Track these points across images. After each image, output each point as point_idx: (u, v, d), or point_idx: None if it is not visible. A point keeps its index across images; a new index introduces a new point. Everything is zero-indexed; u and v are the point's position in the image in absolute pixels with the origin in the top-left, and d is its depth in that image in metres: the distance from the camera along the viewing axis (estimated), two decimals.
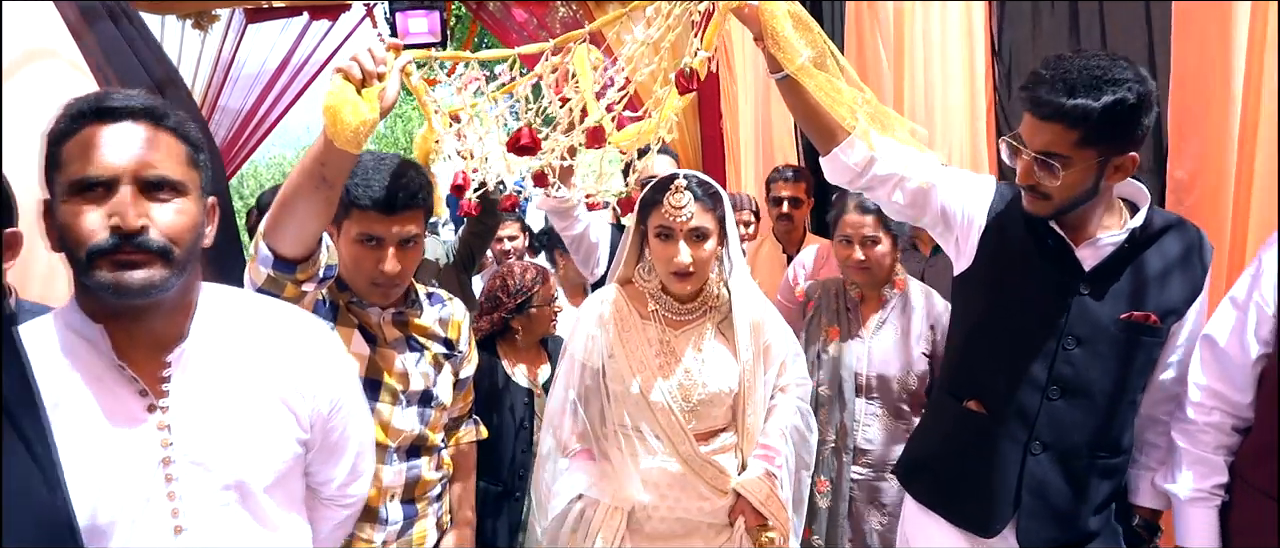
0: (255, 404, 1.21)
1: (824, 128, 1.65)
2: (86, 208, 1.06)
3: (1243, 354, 1.56)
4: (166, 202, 1.10)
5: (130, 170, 1.08)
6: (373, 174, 1.61)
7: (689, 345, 1.94)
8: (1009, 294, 1.71)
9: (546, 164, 1.90)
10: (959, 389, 1.82)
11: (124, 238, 1.05)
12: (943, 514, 1.82)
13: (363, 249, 1.64)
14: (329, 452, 1.33)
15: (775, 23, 1.48)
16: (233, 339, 1.22)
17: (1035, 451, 1.68)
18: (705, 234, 1.85)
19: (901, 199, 1.72)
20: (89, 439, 1.09)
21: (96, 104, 1.10)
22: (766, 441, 1.97)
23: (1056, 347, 1.64)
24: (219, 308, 1.22)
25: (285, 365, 1.25)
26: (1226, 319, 1.60)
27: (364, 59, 1.34)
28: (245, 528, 1.19)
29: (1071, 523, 1.69)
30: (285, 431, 1.24)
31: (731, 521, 1.93)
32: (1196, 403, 1.62)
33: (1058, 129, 1.50)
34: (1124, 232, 1.61)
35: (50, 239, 1.12)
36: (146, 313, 1.13)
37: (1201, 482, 1.61)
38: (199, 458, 1.14)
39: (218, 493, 1.16)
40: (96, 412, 1.10)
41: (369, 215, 1.61)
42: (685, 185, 1.82)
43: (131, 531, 1.10)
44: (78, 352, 1.12)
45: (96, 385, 1.11)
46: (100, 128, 1.09)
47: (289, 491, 1.27)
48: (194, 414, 1.15)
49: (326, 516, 1.40)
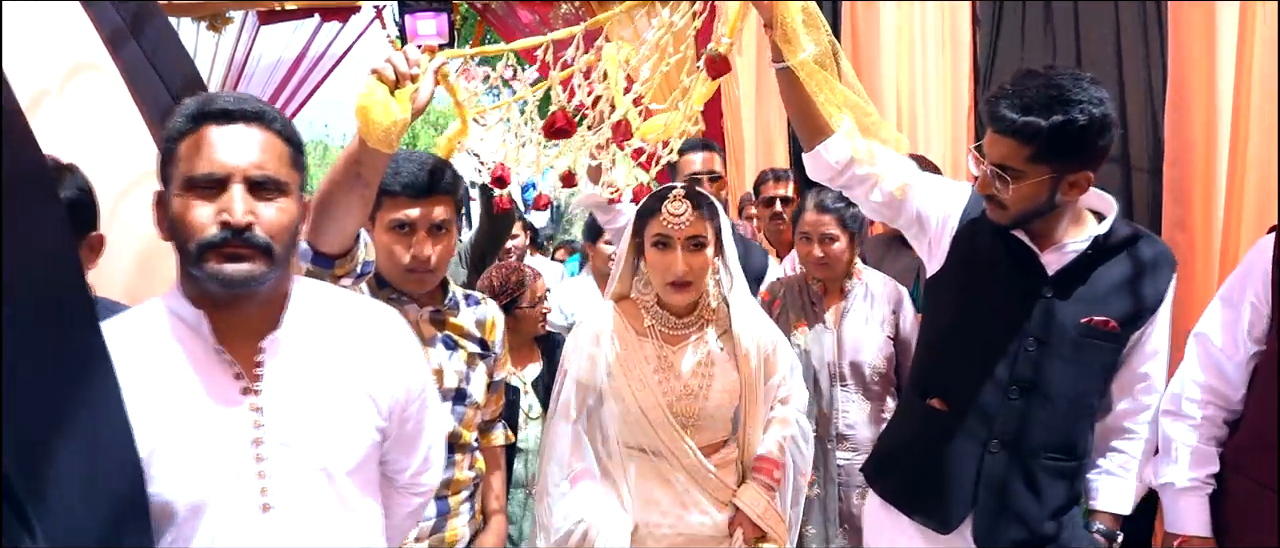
0: (340, 392, 1.26)
1: (812, 124, 1.69)
2: (198, 203, 1.13)
3: (1236, 351, 1.63)
4: (271, 200, 1.16)
5: (241, 170, 1.14)
6: (403, 163, 1.67)
7: (687, 360, 1.94)
8: (977, 296, 1.75)
9: (573, 164, 1.94)
10: (925, 388, 1.85)
11: (232, 233, 1.12)
12: (904, 511, 1.85)
13: (396, 236, 1.70)
14: (405, 441, 1.38)
15: (787, 14, 1.51)
16: (322, 330, 1.27)
17: (993, 449, 1.72)
18: (702, 243, 1.86)
19: (878, 199, 1.76)
20: (188, 417, 1.15)
21: (211, 106, 1.16)
22: (766, 453, 1.98)
23: (1018, 348, 1.68)
24: (310, 301, 1.28)
25: (368, 358, 1.30)
26: (1219, 317, 1.65)
27: (398, 61, 1.37)
28: (327, 508, 1.23)
29: (1026, 523, 1.72)
30: (366, 418, 1.28)
31: (730, 532, 1.93)
32: (1191, 398, 1.67)
33: (1011, 143, 1.56)
34: (1087, 239, 1.66)
35: (160, 228, 1.18)
36: (244, 302, 1.18)
37: (1197, 471, 1.67)
38: (287, 440, 1.19)
39: (303, 474, 1.20)
40: (197, 392, 1.16)
41: (400, 200, 1.67)
42: (683, 195, 1.84)
43: (223, 505, 1.15)
44: (181, 335, 1.18)
45: (197, 367, 1.17)
46: (214, 128, 1.14)
47: (367, 476, 1.32)
48: (284, 399, 1.20)
49: (399, 503, 1.44)
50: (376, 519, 1.35)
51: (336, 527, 1.24)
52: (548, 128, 1.61)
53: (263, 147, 1.16)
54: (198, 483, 1.14)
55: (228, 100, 1.18)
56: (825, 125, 1.67)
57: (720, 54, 1.58)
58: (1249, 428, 1.63)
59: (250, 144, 1.15)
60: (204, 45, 4.62)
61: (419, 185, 1.67)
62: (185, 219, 1.13)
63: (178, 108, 1.18)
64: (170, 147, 1.16)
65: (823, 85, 1.55)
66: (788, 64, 1.54)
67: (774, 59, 1.60)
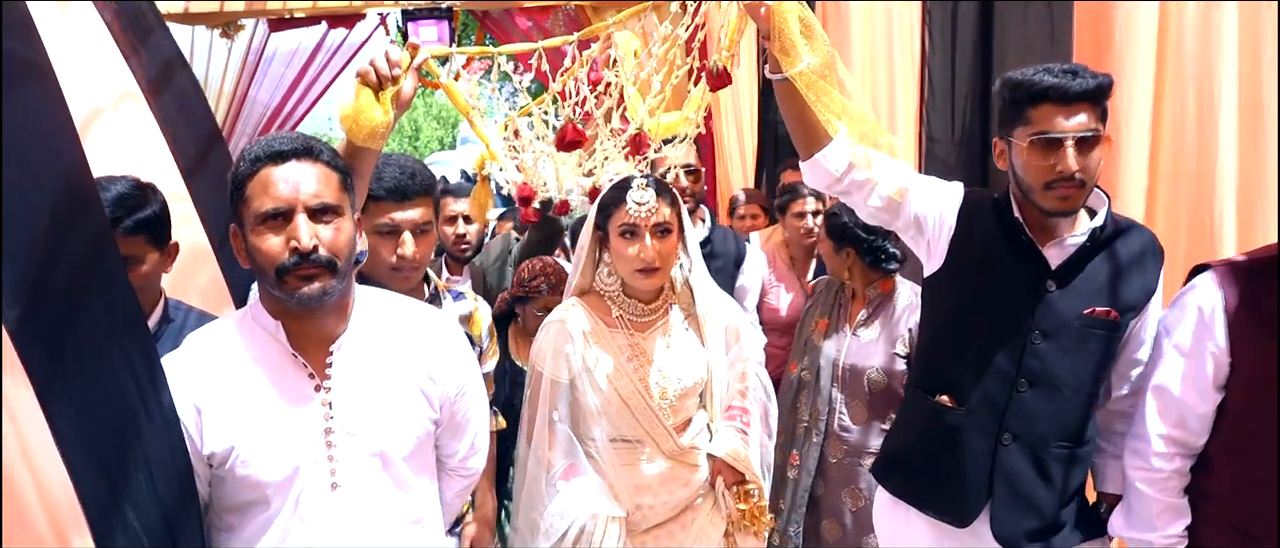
0: (398, 388, 1.42)
1: (810, 133, 1.67)
2: (270, 235, 1.28)
3: (1200, 402, 1.59)
4: (329, 223, 1.31)
5: (301, 201, 1.28)
6: (385, 169, 1.72)
7: (657, 344, 1.97)
8: (980, 293, 1.76)
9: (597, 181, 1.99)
10: (930, 385, 1.85)
11: (302, 257, 1.27)
12: (917, 506, 1.86)
13: (381, 238, 1.76)
14: (454, 429, 1.55)
15: (785, 25, 1.50)
16: (381, 334, 1.43)
17: (1005, 441, 1.73)
18: (668, 228, 1.88)
19: (877, 204, 1.75)
20: (270, 411, 1.33)
21: (269, 149, 1.30)
22: (734, 402, 2.04)
23: (1024, 341, 1.70)
24: (371, 307, 1.44)
25: (423, 358, 1.46)
26: (1176, 368, 1.61)
27: (380, 63, 1.42)
28: (386, 488, 1.41)
29: (1041, 511, 1.74)
30: (420, 411, 1.44)
31: (712, 483, 1.99)
32: (1158, 452, 1.63)
33: (1087, 107, 1.58)
34: (1085, 232, 1.69)
35: (240, 257, 1.35)
36: (316, 313, 1.35)
37: (1174, 527, 1.64)
38: (353, 430, 1.36)
39: (366, 459, 1.38)
40: (277, 389, 1.34)
41: (385, 205, 1.73)
42: (646, 184, 1.86)
43: (299, 483, 1.33)
44: (262, 342, 1.36)
45: (276, 369, 1.35)
46: (273, 167, 1.29)
47: (423, 459, 1.48)
48: (350, 394, 1.37)
49: (450, 483, 1.62)
50: (431, 497, 1.51)
51: (394, 503, 1.42)
52: (559, 141, 1.65)
53: (317, 178, 1.30)
54: (278, 465, 1.32)
55: (282, 142, 1.32)
56: (823, 134, 1.65)
57: (721, 68, 1.59)
58: (1221, 474, 1.61)
59: (306, 177, 1.30)
60: (217, 51, 4.77)
61: (401, 190, 1.73)
62: (262, 250, 1.28)
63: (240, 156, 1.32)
64: (238, 190, 1.30)
65: (821, 95, 1.54)
66: (786, 75, 1.53)
67: (772, 70, 1.59)
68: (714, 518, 1.99)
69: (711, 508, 1.99)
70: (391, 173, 1.73)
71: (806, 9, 1.53)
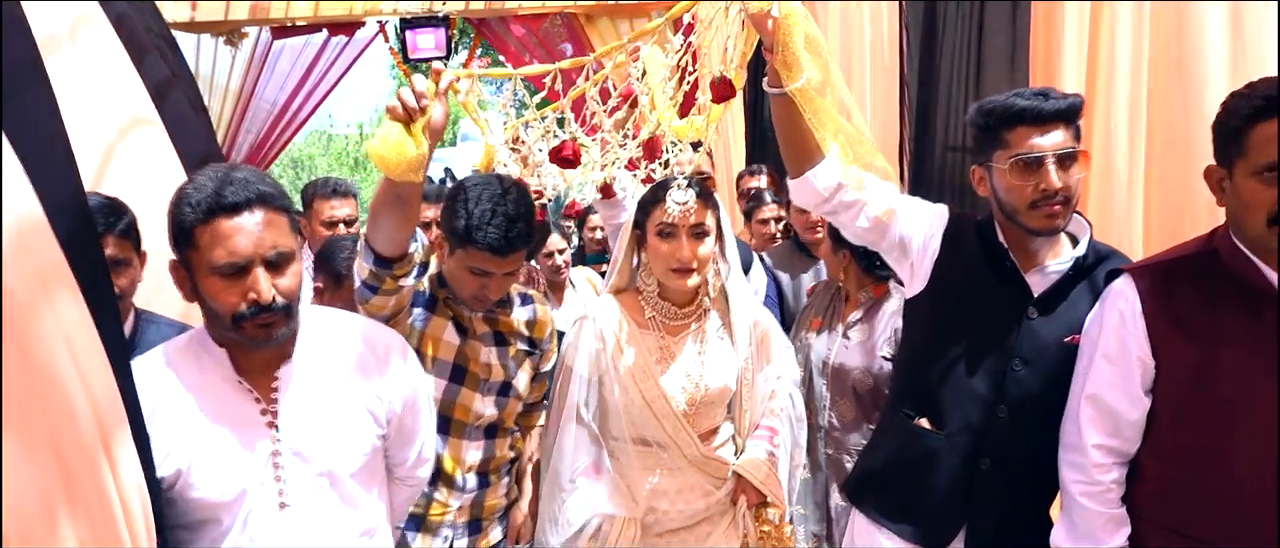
0: (345, 408, 1.44)
1: (803, 150, 1.64)
2: (225, 284, 1.28)
3: (1131, 409, 1.57)
4: (283, 271, 1.32)
5: (259, 255, 1.28)
6: (492, 217, 1.69)
7: (687, 348, 1.94)
8: (961, 317, 1.75)
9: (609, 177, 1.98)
10: (910, 407, 1.84)
11: (261, 308, 1.29)
12: (893, 529, 1.84)
13: (471, 275, 1.77)
14: (402, 440, 1.57)
15: (790, 40, 1.45)
16: (327, 355, 1.45)
17: (983, 465, 1.72)
18: (706, 231, 1.86)
19: (865, 224, 1.73)
20: (217, 437, 1.35)
21: (221, 200, 1.27)
22: (765, 421, 2.00)
23: (1005, 367, 1.68)
24: (317, 330, 1.45)
25: (369, 376, 1.48)
26: (1106, 376, 1.58)
27: (406, 97, 1.38)
28: (334, 505, 1.43)
29: (1016, 533, 1.74)
30: (367, 429, 1.47)
31: (733, 501, 1.96)
32: (1096, 463, 1.60)
33: (1061, 126, 1.59)
34: (1069, 261, 1.68)
35: (182, 291, 1.34)
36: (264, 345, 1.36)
37: (1117, 538, 1.62)
38: (299, 451, 1.38)
39: (313, 479, 1.40)
40: (225, 415, 1.36)
41: (482, 255, 1.71)
42: (686, 185, 1.83)
43: (248, 504, 1.35)
44: (208, 368, 1.38)
45: (222, 396, 1.37)
46: (226, 219, 1.27)
47: (371, 474, 1.50)
48: (297, 418, 1.39)
49: (399, 491, 1.65)
50: (379, 509, 1.54)
51: (342, 519, 1.44)
52: (554, 155, 1.64)
53: (272, 228, 1.30)
54: (228, 487, 1.34)
55: (233, 192, 1.28)
56: (815, 152, 1.63)
57: (725, 78, 1.56)
58: (1153, 477, 1.59)
59: (262, 229, 1.29)
60: (222, 58, 4.86)
61: (503, 248, 1.71)
62: (217, 299, 1.29)
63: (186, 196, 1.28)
64: (185, 234, 1.28)
65: (819, 113, 1.50)
66: (786, 90, 1.48)
67: (770, 83, 1.55)
68: (730, 535, 1.97)
69: (728, 525, 1.97)
70: (498, 226, 1.70)
71: (813, 24, 1.50)
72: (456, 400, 1.86)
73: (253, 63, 5.01)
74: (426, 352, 1.84)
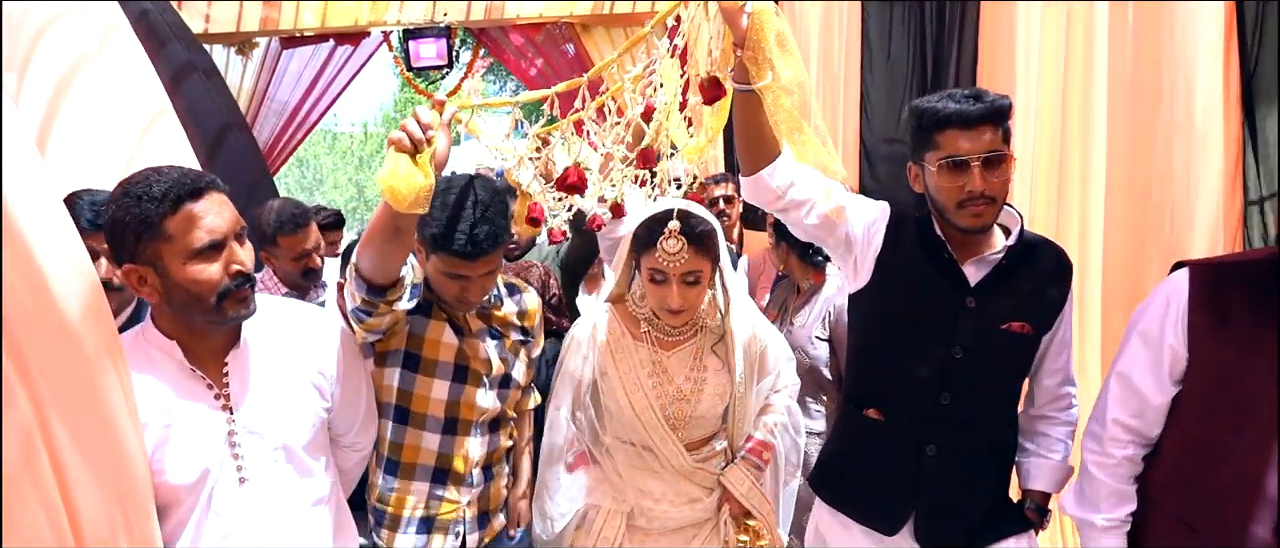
0: (291, 385, 1.55)
1: (760, 149, 1.64)
2: (207, 264, 1.35)
3: (1157, 394, 1.61)
4: (243, 243, 1.42)
5: (232, 230, 1.38)
6: (458, 222, 1.69)
7: (681, 364, 1.94)
8: (904, 309, 1.79)
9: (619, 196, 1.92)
10: (859, 399, 1.90)
11: (245, 278, 1.39)
12: (850, 516, 1.90)
13: (448, 280, 1.78)
14: (344, 407, 1.68)
15: (763, 37, 1.42)
16: (271, 339, 1.54)
17: (930, 452, 1.78)
18: (698, 278, 1.84)
19: (814, 222, 1.75)
20: (174, 425, 1.42)
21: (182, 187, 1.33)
22: (758, 435, 2.01)
23: (946, 355, 1.74)
24: (258, 315, 1.50)
25: (310, 353, 1.59)
26: (1139, 357, 1.63)
27: (412, 128, 1.35)
28: (289, 477, 1.53)
29: (965, 518, 1.80)
30: (313, 402, 1.58)
31: (718, 510, 1.99)
32: (1113, 437, 1.66)
33: (990, 128, 1.64)
34: (1002, 250, 1.74)
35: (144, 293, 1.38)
36: (215, 330, 1.45)
37: (1117, 511, 1.68)
38: (254, 428, 1.48)
39: (269, 453, 1.50)
40: (180, 402, 1.44)
41: (454, 260, 1.72)
42: (679, 230, 1.78)
43: (210, 483, 1.44)
44: (158, 360, 1.44)
45: (176, 385, 1.44)
46: (194, 204, 1.34)
47: (319, 444, 1.61)
48: (248, 398, 1.48)
49: (347, 457, 1.77)
50: (329, 476, 1.64)
51: (297, 488, 1.55)
52: (561, 183, 1.64)
53: (227, 204, 1.39)
54: (190, 469, 1.43)
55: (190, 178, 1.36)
56: (774, 151, 1.64)
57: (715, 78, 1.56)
58: (1168, 465, 1.64)
59: (224, 208, 1.38)
60: (233, 67, 5.03)
61: (472, 251, 1.70)
62: (201, 280, 1.35)
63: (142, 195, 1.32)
64: (152, 229, 1.32)
65: (781, 113, 1.45)
66: (753, 88, 1.44)
67: (737, 79, 1.51)
68: (712, 541, 2.00)
69: (711, 531, 2.00)
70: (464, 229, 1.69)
71: (784, 22, 1.48)
72: (460, 400, 1.88)
73: (263, 68, 5.18)
74: (429, 357, 1.86)
